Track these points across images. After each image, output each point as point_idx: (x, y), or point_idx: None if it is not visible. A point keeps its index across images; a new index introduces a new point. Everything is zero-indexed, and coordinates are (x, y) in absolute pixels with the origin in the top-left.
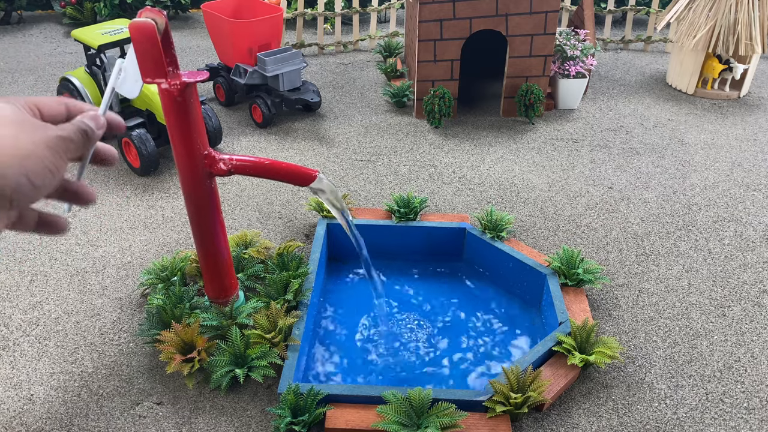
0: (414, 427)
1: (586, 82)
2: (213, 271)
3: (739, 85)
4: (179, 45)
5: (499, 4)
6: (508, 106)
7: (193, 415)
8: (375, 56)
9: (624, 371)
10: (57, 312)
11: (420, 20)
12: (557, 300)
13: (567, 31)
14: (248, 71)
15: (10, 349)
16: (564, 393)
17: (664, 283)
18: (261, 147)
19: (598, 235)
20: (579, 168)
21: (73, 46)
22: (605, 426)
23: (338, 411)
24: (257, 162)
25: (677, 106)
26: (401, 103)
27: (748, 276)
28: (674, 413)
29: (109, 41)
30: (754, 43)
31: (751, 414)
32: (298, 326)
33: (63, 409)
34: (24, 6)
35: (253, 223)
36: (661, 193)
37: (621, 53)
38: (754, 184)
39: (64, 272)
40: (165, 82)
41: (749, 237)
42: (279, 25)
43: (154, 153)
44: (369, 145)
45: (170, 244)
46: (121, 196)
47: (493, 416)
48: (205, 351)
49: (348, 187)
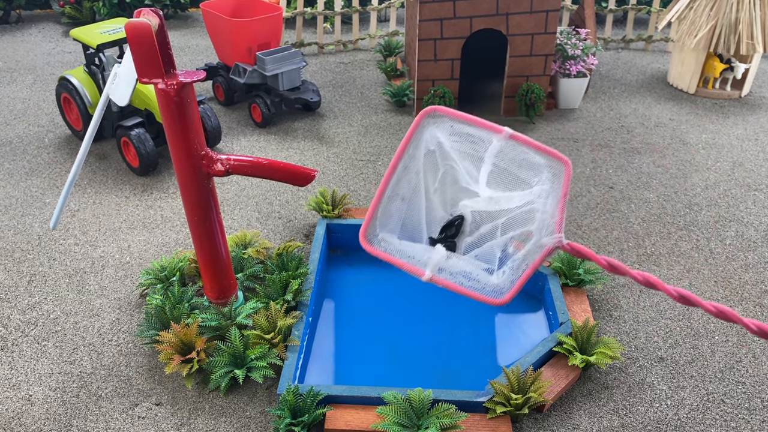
0: (414, 427)
1: (587, 81)
2: (212, 271)
3: (741, 85)
4: (178, 44)
5: (499, 3)
6: (508, 105)
7: (192, 415)
8: (375, 55)
9: (625, 372)
10: (56, 312)
11: (420, 19)
12: (558, 300)
13: (568, 30)
14: (247, 70)
15: (9, 350)
16: (565, 394)
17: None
18: (260, 147)
19: (599, 235)
20: (580, 168)
21: (72, 46)
22: (606, 427)
23: (338, 412)
24: (255, 162)
25: (678, 106)
26: (401, 102)
27: (749, 276)
28: (675, 414)
29: (108, 40)
30: (756, 43)
31: (753, 415)
32: (297, 327)
33: (62, 409)
34: (23, 5)
35: (252, 223)
36: (662, 193)
37: (622, 52)
38: (756, 184)
39: (63, 272)
40: (161, 83)
41: (750, 237)
42: (278, 24)
43: (153, 153)
44: (369, 144)
45: (169, 244)
46: (120, 196)
47: (494, 417)
48: (204, 351)
49: (348, 187)
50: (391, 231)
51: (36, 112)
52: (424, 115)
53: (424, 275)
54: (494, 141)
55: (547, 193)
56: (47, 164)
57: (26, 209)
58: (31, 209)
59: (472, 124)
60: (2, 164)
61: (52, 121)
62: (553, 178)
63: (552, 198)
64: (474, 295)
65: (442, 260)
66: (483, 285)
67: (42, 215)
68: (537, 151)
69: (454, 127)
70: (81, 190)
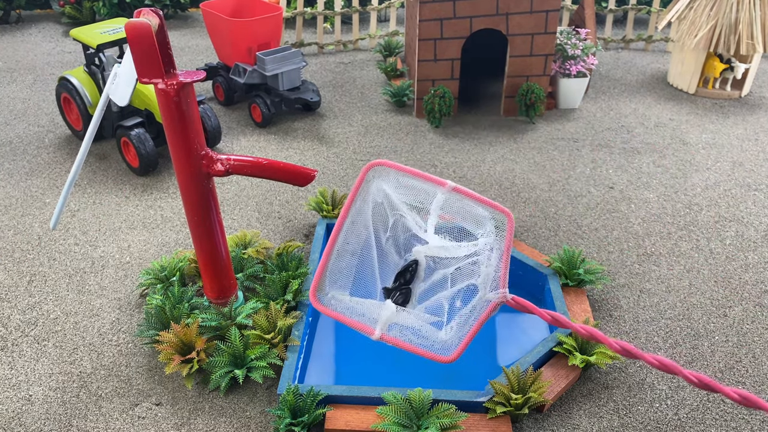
0: (414, 427)
1: (587, 81)
2: (212, 271)
3: (741, 85)
4: (178, 44)
5: (499, 3)
6: (508, 105)
7: (192, 416)
8: (375, 55)
9: (625, 372)
10: (56, 312)
11: (420, 19)
12: (558, 300)
13: (568, 30)
14: (247, 70)
15: (9, 350)
16: (565, 394)
17: (665, 284)
18: (260, 147)
19: (599, 236)
20: (580, 168)
21: (72, 46)
22: (606, 427)
23: (338, 412)
24: (255, 162)
25: (678, 106)
26: (401, 102)
27: (749, 276)
28: (675, 414)
29: (108, 40)
30: (756, 43)
31: (753, 415)
32: (297, 327)
33: (62, 409)
34: (23, 5)
35: (252, 223)
36: (662, 193)
37: (622, 52)
38: (756, 184)
39: (63, 272)
40: (161, 83)
41: (751, 237)
42: (278, 24)
43: (152, 153)
44: (369, 144)
45: (169, 244)
46: (120, 196)
47: (494, 417)
48: (204, 351)
49: (348, 187)
50: (342, 287)
51: (36, 112)
52: (369, 169)
53: (374, 334)
54: (438, 194)
55: (490, 246)
56: (47, 164)
57: (26, 209)
58: (31, 209)
59: (417, 177)
60: (2, 164)
61: (52, 121)
62: (497, 230)
63: (496, 251)
64: (423, 353)
65: (392, 316)
66: (432, 342)
67: (42, 215)
68: (479, 204)
69: (400, 180)
70: (81, 190)
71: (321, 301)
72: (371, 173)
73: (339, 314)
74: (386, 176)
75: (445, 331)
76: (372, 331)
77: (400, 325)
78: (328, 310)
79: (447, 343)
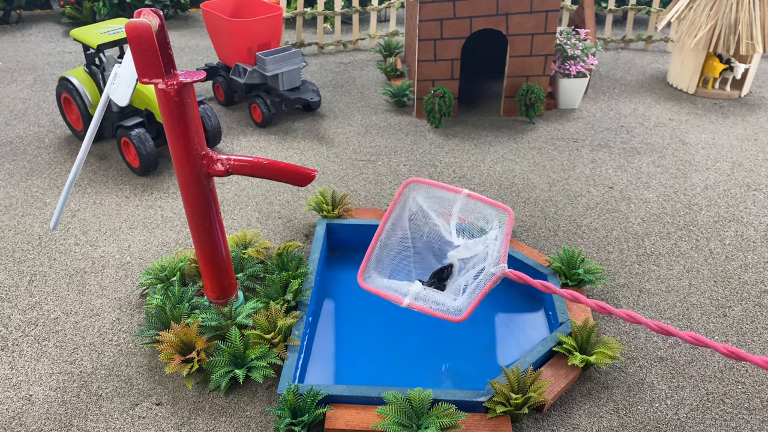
0: (414, 427)
1: (587, 81)
2: (212, 271)
3: (740, 85)
4: (178, 44)
5: (499, 3)
6: (508, 105)
7: (193, 415)
8: (375, 55)
9: (625, 372)
10: (56, 312)
11: (420, 19)
12: (558, 300)
13: (567, 31)
14: (248, 71)
15: (9, 350)
16: (564, 393)
17: (664, 284)
18: (260, 147)
19: (599, 235)
20: (580, 168)
21: (72, 46)
22: (606, 427)
23: (338, 411)
24: (255, 162)
25: (678, 106)
26: (401, 102)
27: (749, 276)
28: (675, 414)
29: (108, 41)
30: (755, 43)
31: (752, 414)
32: (297, 327)
33: (62, 409)
34: (23, 5)
35: (252, 222)
36: (661, 193)
37: (622, 53)
38: (755, 184)
39: (63, 272)
40: (162, 83)
41: (750, 237)
42: (278, 24)
43: (153, 153)
44: (369, 144)
45: (169, 244)
46: (120, 196)
47: (494, 417)
48: (205, 351)
49: (348, 186)
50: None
51: (36, 112)
52: (406, 186)
53: (403, 302)
54: (457, 200)
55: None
56: (47, 164)
57: (26, 209)
58: (32, 209)
59: (441, 188)
60: (2, 164)
61: (53, 122)
62: (500, 224)
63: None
64: (440, 315)
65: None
66: (447, 308)
67: (42, 215)
68: (488, 205)
69: (429, 192)
70: (81, 190)
71: (365, 281)
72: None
73: (378, 290)
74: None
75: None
76: (401, 301)
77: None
78: (370, 287)
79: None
